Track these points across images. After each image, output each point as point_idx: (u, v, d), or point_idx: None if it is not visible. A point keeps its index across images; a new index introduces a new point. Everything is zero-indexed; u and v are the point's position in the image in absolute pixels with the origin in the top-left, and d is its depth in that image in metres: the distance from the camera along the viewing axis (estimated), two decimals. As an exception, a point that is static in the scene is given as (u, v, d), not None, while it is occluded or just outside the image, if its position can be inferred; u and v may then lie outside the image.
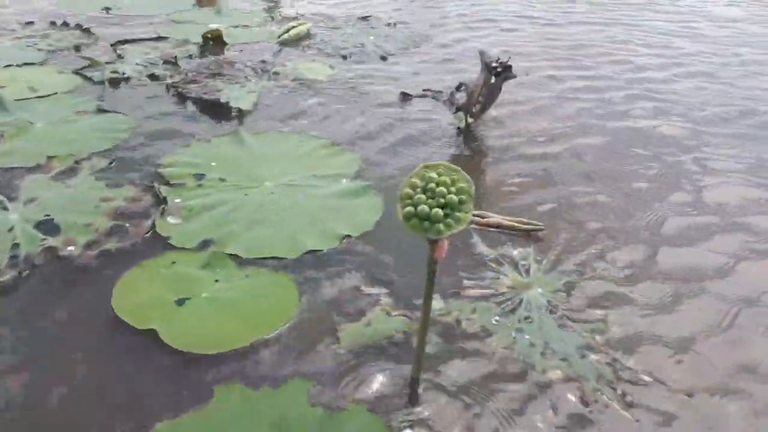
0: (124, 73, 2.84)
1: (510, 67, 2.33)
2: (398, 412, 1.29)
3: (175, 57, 3.04)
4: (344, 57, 3.26)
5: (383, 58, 3.29)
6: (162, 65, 2.97)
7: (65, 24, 3.49)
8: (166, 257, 1.70)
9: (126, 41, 3.22)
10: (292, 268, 1.68)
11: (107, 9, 3.91)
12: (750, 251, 1.85)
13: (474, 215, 1.94)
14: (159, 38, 3.34)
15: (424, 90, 2.83)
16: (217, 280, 1.61)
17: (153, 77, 2.83)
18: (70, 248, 1.71)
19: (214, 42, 3.33)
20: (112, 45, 3.18)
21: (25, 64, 2.94)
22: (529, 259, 1.78)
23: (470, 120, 2.52)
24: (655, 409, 1.32)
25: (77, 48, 3.16)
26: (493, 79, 2.34)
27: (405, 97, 2.81)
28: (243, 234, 1.79)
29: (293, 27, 3.54)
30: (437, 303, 1.60)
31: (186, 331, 1.45)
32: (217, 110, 2.58)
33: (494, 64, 2.31)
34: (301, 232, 1.81)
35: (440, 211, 1.07)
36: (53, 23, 3.52)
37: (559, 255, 1.80)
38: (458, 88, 2.73)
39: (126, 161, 2.18)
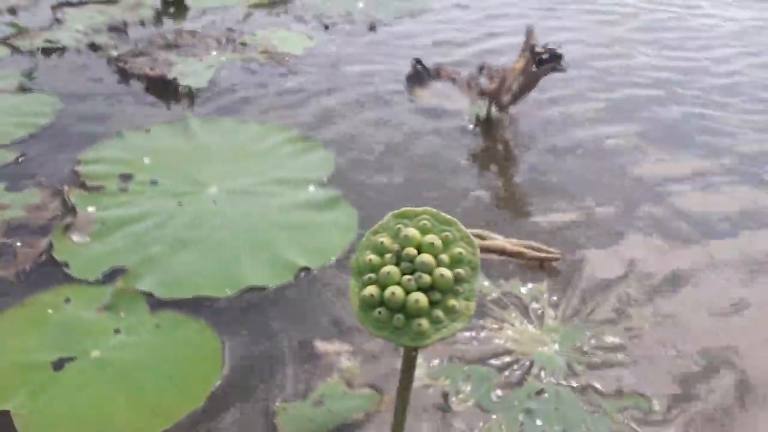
0: (59, 42, 2.38)
1: (560, 56, 1.84)
2: None
3: (124, 23, 2.57)
4: (326, 27, 2.78)
5: (372, 29, 2.80)
6: (107, 33, 2.51)
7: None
8: (58, 292, 1.28)
9: (70, 3, 2.74)
10: (222, 313, 1.25)
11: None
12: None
13: (472, 234, 1.50)
14: (109, 0, 2.86)
15: (436, 66, 2.34)
16: (117, 331, 1.19)
17: (94, 47, 2.37)
18: (-69, 279, 1.29)
19: (174, 5, 2.85)
20: (53, 7, 2.71)
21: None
22: (542, 300, 1.35)
23: (494, 110, 2.06)
24: None
25: (12, 11, 2.69)
26: (534, 67, 1.86)
27: (418, 71, 2.29)
28: (164, 260, 1.36)
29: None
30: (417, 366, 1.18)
31: (56, 414, 1.02)
32: (164, 90, 2.13)
33: (540, 50, 1.84)
34: (243, 260, 1.37)
35: (424, 299, 0.64)
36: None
37: (584, 295, 1.37)
38: (480, 70, 2.26)
39: (40, 155, 1.74)
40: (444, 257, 0.67)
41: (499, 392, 1.14)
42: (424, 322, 0.64)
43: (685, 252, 1.51)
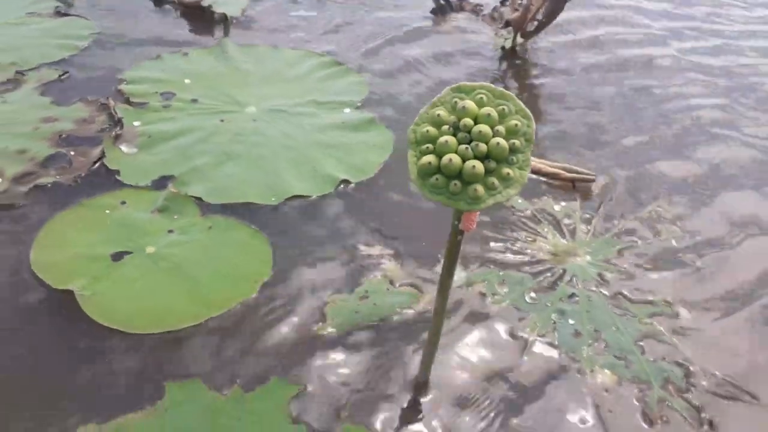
0: (92, -31, 2.39)
1: None
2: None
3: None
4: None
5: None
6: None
7: None
8: (114, 195, 1.34)
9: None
10: (269, 219, 1.31)
11: None
12: None
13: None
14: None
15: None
16: (171, 231, 1.25)
17: (127, -25, 2.38)
18: (-7, 181, 1.35)
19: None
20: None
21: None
22: (575, 216, 1.40)
23: (520, 40, 2.06)
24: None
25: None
26: None
27: (441, 5, 2.32)
28: (211, 171, 1.41)
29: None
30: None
31: (115, 297, 1.10)
32: (199, 16, 2.15)
33: None
34: (286, 173, 1.42)
35: (480, 166, 0.68)
36: None
37: (613, 212, 1.42)
38: (503, 2, 2.27)
39: (82, 74, 1.78)
40: (500, 128, 0.69)
41: (533, 294, 1.20)
42: (480, 188, 0.68)
43: (716, 174, 1.55)
